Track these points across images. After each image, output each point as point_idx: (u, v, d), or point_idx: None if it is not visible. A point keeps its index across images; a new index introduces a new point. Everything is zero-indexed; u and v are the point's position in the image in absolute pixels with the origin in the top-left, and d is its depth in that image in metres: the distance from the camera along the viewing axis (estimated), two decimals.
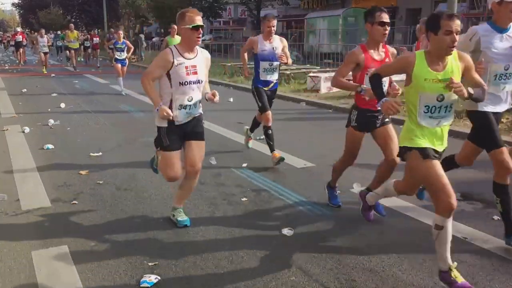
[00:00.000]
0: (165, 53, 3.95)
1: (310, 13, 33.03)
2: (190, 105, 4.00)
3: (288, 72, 15.77)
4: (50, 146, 7.22)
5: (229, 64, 19.38)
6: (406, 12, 31.61)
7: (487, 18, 25.72)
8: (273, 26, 6.10)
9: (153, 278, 3.36)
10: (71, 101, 12.02)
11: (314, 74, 14.24)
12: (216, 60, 23.13)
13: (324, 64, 21.69)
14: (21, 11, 77.27)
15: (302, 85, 14.53)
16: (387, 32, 4.11)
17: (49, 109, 10.71)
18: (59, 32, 35.01)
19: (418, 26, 9.96)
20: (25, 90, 14.33)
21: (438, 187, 3.12)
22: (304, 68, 17.26)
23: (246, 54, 6.65)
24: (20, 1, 73.73)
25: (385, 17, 4.14)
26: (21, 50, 24.75)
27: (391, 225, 4.31)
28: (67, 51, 23.81)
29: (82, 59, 26.98)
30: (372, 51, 4.20)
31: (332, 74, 15.49)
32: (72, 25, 22.31)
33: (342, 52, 22.75)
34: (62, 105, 11.16)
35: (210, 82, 18.44)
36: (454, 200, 3.09)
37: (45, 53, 19.67)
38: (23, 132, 8.30)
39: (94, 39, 25.93)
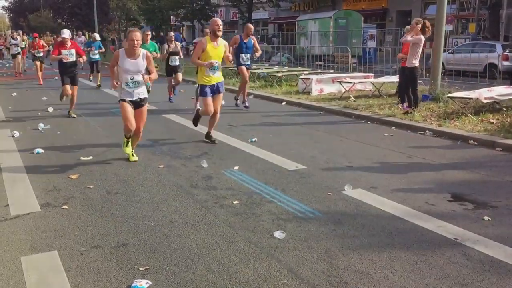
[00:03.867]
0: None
1: (301, 15, 33.13)
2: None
3: (279, 74, 15.78)
4: (40, 150, 7.17)
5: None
6: (396, 14, 31.81)
7: (476, 19, 26.01)
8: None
9: (144, 283, 3.33)
10: (61, 105, 11.93)
11: (306, 76, 14.26)
12: None
13: (316, 66, 21.74)
14: (11, 15, 76.86)
15: (294, 87, 14.54)
16: None
17: (39, 113, 10.64)
18: (96, 36, 17.79)
19: (408, 27, 10.05)
20: (15, 94, 14.23)
21: None
22: (295, 70, 17.26)
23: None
24: (10, 4, 73.34)
25: None
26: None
27: (382, 227, 4.32)
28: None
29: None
30: None
31: (324, 76, 15.53)
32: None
33: (333, 54, 22.84)
34: (50, 109, 11.08)
35: None
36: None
37: (137, 104, 6.41)
38: (13, 136, 8.23)
39: (171, 45, 12.16)
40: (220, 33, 7.27)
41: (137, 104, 6.37)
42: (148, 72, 6.50)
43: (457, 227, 4.27)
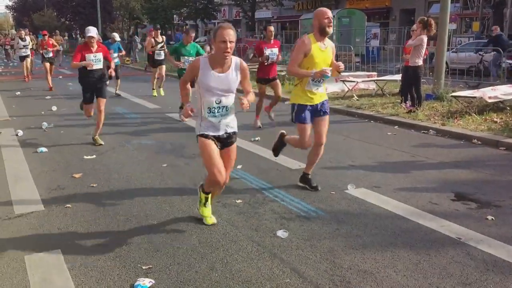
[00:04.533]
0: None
1: (305, 14, 33.08)
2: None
3: (282, 73, 15.76)
4: (44, 149, 7.19)
5: None
6: (400, 13, 31.75)
7: (480, 18, 25.94)
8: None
9: (147, 282, 3.34)
10: (65, 103, 11.96)
11: None
12: None
13: None
14: (15, 14, 77.11)
15: None
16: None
17: (43, 112, 10.66)
18: (116, 36, 13.25)
19: (414, 26, 10.02)
20: (19, 92, 14.27)
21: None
22: None
23: None
24: (14, 4, 73.58)
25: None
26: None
27: (385, 226, 4.32)
28: None
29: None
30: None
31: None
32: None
33: (337, 53, 22.81)
34: (54, 108, 11.11)
35: None
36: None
37: (223, 142, 4.27)
38: (17, 135, 8.26)
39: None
40: (331, 30, 4.86)
41: (223, 142, 4.16)
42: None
43: (461, 227, 4.26)
